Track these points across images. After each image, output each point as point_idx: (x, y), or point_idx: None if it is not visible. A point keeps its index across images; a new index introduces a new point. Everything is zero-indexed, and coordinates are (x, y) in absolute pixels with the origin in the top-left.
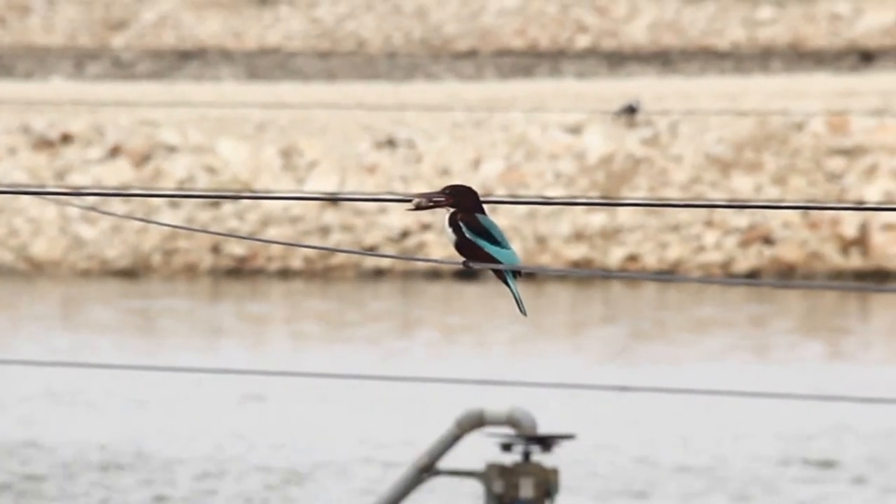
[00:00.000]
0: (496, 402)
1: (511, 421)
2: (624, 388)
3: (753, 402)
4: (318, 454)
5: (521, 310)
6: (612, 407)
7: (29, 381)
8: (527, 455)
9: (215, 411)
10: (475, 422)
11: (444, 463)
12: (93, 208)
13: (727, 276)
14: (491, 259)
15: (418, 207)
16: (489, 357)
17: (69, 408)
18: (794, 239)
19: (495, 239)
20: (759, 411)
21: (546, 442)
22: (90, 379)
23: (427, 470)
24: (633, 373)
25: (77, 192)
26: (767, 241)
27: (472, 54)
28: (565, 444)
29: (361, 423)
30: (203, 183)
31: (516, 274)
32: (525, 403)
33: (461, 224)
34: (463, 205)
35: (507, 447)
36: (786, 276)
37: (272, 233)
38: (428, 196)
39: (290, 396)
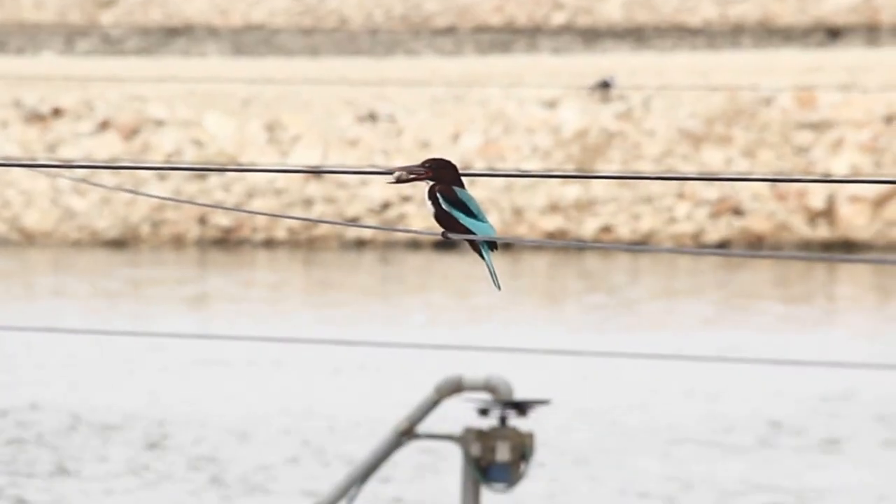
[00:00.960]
0: (474, 369)
1: (488, 387)
2: (598, 354)
3: (723, 367)
4: (299, 419)
5: (495, 283)
6: (587, 373)
7: (20, 347)
8: (503, 420)
9: (200, 377)
10: (453, 387)
11: (424, 427)
12: (83, 180)
13: (698, 247)
14: (468, 231)
15: (399, 180)
16: (467, 325)
17: (60, 374)
18: (762, 210)
19: (471, 211)
20: (728, 375)
21: (522, 407)
22: (81, 345)
23: (407, 434)
24: (606, 340)
25: (68, 165)
26: (737, 212)
27: (451, 31)
28: (540, 409)
29: (342, 389)
30: (190, 156)
31: (493, 248)
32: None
33: (438, 196)
34: (442, 178)
35: (484, 412)
36: (755, 246)
37: (257, 204)
38: (408, 169)
39: (272, 362)
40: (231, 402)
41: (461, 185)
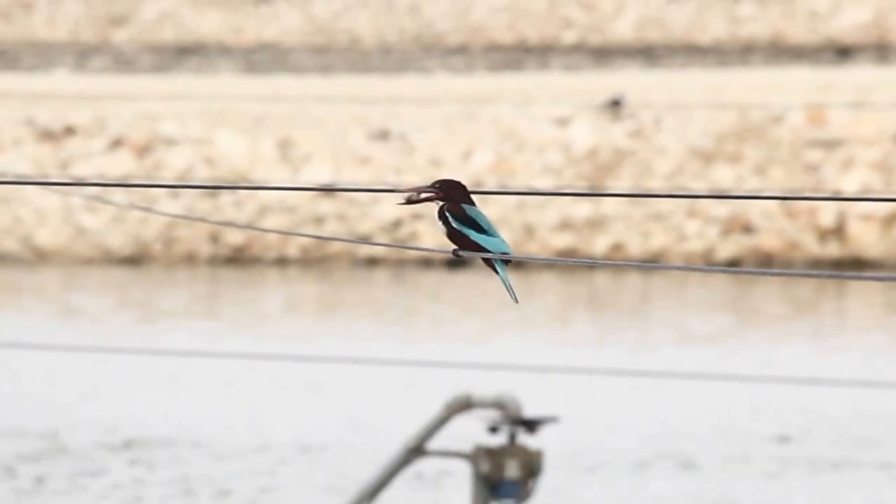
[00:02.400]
0: (484, 387)
1: (498, 404)
2: (608, 372)
3: (733, 385)
4: (310, 436)
5: (512, 297)
6: (597, 391)
7: (32, 366)
8: (512, 437)
9: (211, 395)
10: (463, 405)
11: (433, 444)
12: (95, 198)
13: (708, 265)
14: (479, 247)
15: (409, 201)
16: (477, 342)
17: (72, 392)
18: (773, 228)
19: (481, 228)
20: (738, 394)
21: (531, 424)
22: (93, 363)
23: (416, 451)
24: (616, 357)
25: (80, 183)
26: (748, 230)
27: (462, 49)
28: (550, 426)
29: (353, 406)
30: (202, 174)
31: (506, 262)
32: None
33: (447, 214)
34: (452, 198)
35: (493, 429)
36: (765, 264)
37: (269, 222)
38: (418, 190)
39: (282, 380)
40: (240, 419)
41: (471, 204)
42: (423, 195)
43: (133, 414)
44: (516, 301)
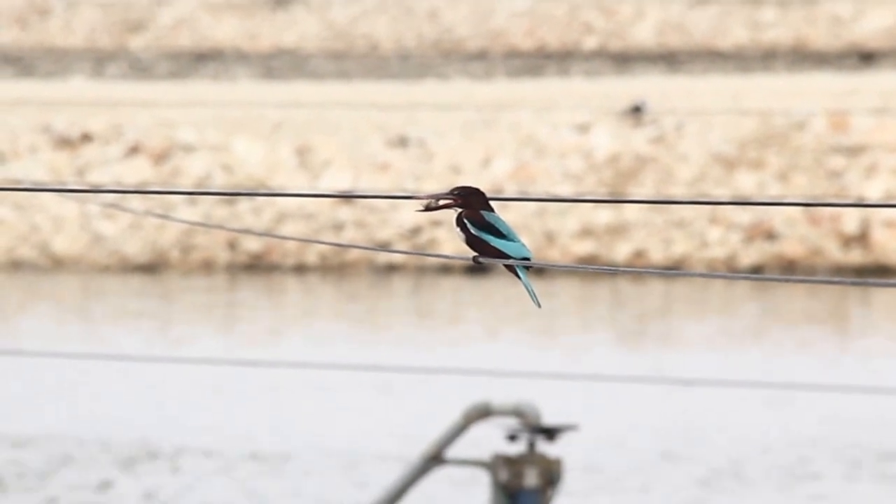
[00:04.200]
0: (503, 394)
1: (517, 412)
2: (628, 380)
3: (756, 393)
4: (329, 444)
5: (534, 301)
6: (616, 398)
7: (48, 373)
8: (531, 445)
9: (231, 402)
10: (482, 413)
11: (452, 452)
12: (113, 205)
13: (731, 272)
14: (499, 253)
15: (427, 208)
16: (497, 349)
17: (87, 400)
18: (796, 235)
19: (501, 233)
20: (759, 401)
21: (550, 433)
22: (108, 371)
23: (435, 459)
24: (637, 365)
25: (97, 190)
26: (770, 236)
27: (482, 55)
28: (569, 434)
29: (371, 413)
30: (220, 181)
31: (527, 266)
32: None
33: (466, 221)
34: (470, 204)
35: (512, 437)
36: (788, 271)
37: (287, 229)
38: (436, 197)
39: (301, 387)
40: (258, 427)
41: (490, 210)
42: (442, 202)
43: (150, 422)
44: (539, 305)
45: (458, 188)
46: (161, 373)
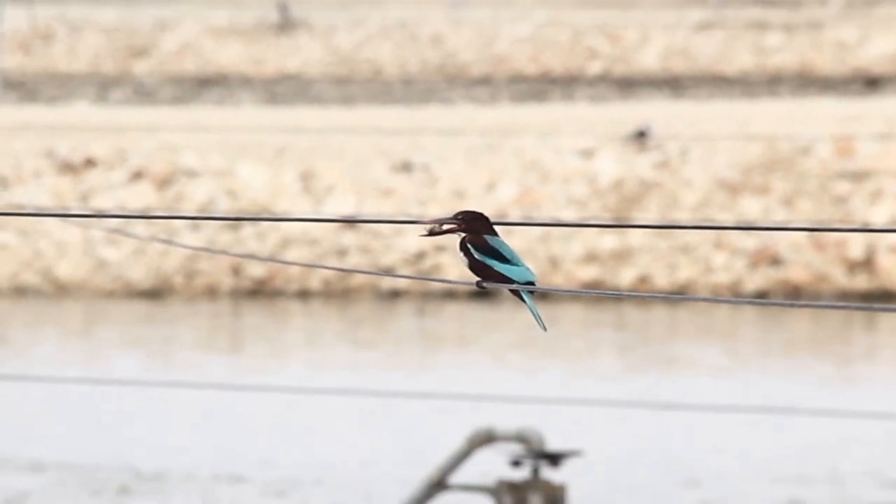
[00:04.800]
0: (506, 420)
1: (520, 437)
2: (632, 405)
3: (762, 419)
4: (332, 469)
5: (540, 325)
6: (620, 424)
7: (51, 399)
8: (535, 471)
9: (232, 428)
10: (485, 438)
11: (456, 478)
12: (116, 231)
13: (736, 297)
14: (503, 277)
15: (431, 233)
16: (500, 375)
17: (92, 425)
18: (801, 260)
19: (505, 257)
20: (764, 426)
21: (554, 458)
22: (112, 396)
23: (438, 485)
24: (641, 390)
25: (101, 215)
26: (775, 262)
27: (486, 80)
28: (573, 460)
29: (374, 439)
30: (223, 206)
31: (531, 290)
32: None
33: (469, 246)
34: (474, 229)
35: (516, 463)
36: (793, 296)
37: (291, 255)
38: (440, 222)
39: (304, 413)
40: (262, 453)
41: (494, 235)
42: (446, 227)
43: (154, 447)
44: (545, 329)
45: (461, 213)
46: (164, 398)
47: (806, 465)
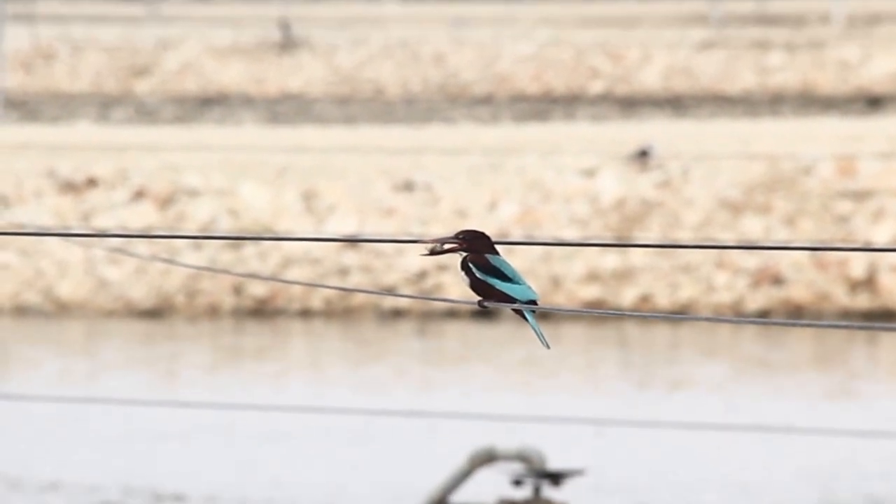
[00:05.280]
0: (507, 439)
1: (522, 457)
2: (634, 424)
3: (762, 437)
4: (332, 490)
5: (543, 343)
6: (622, 443)
7: (52, 418)
8: (537, 490)
9: (233, 448)
10: (487, 457)
11: (457, 498)
12: (118, 250)
13: (737, 316)
14: (505, 296)
15: (432, 252)
16: (502, 394)
17: (91, 445)
18: (803, 280)
19: (506, 276)
20: (768, 446)
21: (556, 477)
22: (113, 415)
23: None
24: (643, 409)
25: (102, 235)
26: (777, 281)
27: (488, 99)
28: (575, 479)
29: (375, 458)
30: (225, 225)
31: (532, 309)
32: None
33: (471, 265)
34: (475, 248)
35: (517, 482)
36: (795, 316)
37: (293, 274)
38: (441, 241)
39: (305, 432)
40: (262, 473)
41: (496, 254)
42: (447, 246)
43: (155, 467)
44: (547, 347)
45: (462, 232)
46: (166, 418)
47: (811, 483)
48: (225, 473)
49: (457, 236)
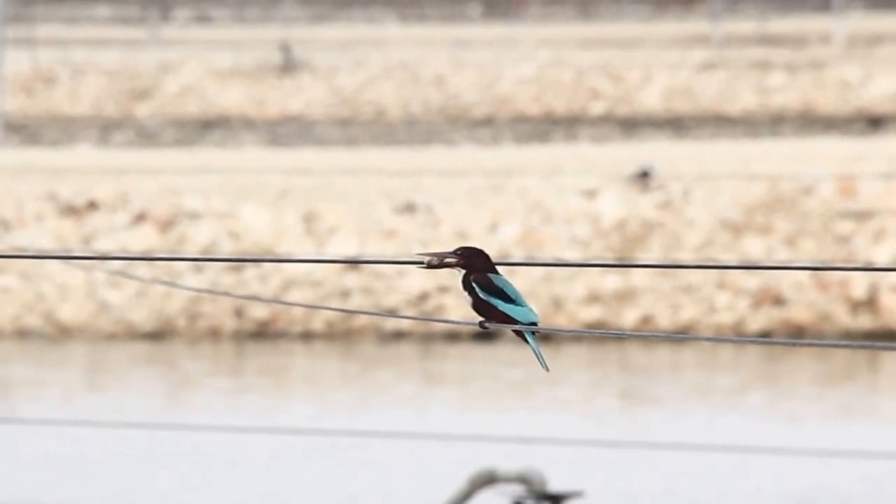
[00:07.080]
0: (508, 461)
1: (522, 478)
2: (635, 445)
3: (765, 459)
4: None
5: (542, 365)
6: (623, 464)
7: (54, 442)
8: None
9: (235, 470)
10: (487, 479)
11: None
12: (119, 273)
13: (738, 337)
14: (506, 318)
15: (430, 266)
16: (502, 415)
17: (94, 468)
18: (804, 300)
19: (509, 297)
20: (771, 468)
21: (556, 499)
22: (115, 439)
23: None
24: (644, 430)
25: (103, 257)
26: (778, 302)
27: (489, 121)
28: (575, 501)
29: (374, 480)
30: (226, 248)
31: (534, 331)
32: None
33: (474, 285)
34: (474, 266)
35: None
36: (796, 336)
37: (294, 296)
38: (440, 256)
39: (305, 454)
40: (265, 495)
41: (495, 272)
42: (444, 262)
43: (156, 489)
44: (547, 369)
45: (461, 248)
46: (168, 441)
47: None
48: (225, 495)
49: (455, 252)
